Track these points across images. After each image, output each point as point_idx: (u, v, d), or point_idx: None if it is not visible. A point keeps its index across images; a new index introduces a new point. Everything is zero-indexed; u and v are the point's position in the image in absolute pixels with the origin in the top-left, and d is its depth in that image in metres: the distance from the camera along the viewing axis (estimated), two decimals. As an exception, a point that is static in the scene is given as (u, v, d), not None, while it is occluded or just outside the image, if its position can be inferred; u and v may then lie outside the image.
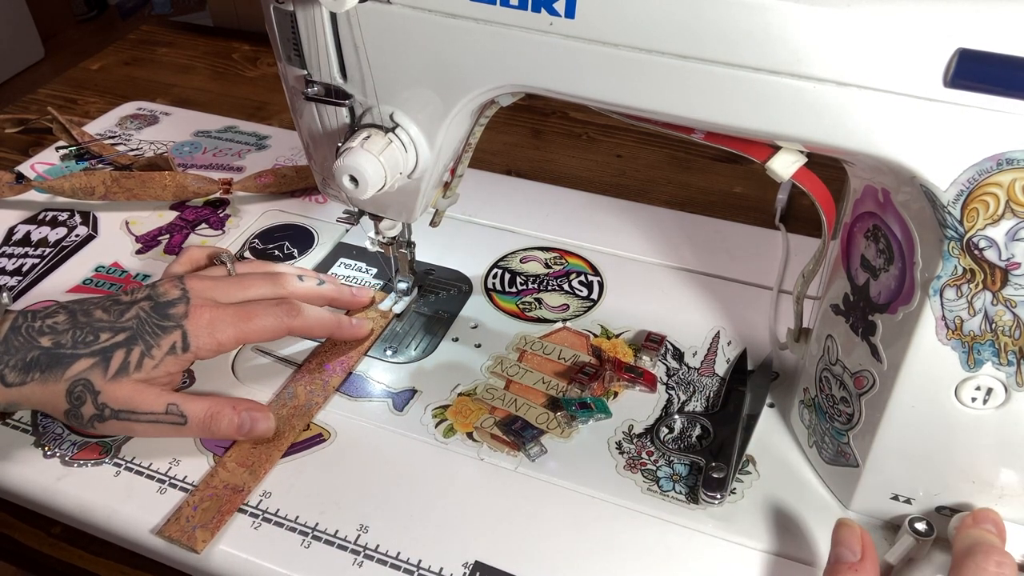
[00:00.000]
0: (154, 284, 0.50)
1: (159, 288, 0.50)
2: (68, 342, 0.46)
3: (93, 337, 0.47)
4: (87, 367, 0.46)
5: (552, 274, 0.62)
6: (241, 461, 0.48)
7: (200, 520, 0.44)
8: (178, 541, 0.44)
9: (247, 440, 0.49)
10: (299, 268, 0.59)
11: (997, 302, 0.36)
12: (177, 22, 1.08)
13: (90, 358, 0.46)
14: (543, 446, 0.49)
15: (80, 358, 0.46)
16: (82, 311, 0.48)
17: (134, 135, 0.80)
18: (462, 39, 0.39)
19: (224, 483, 0.46)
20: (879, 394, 0.42)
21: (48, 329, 0.47)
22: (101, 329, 0.47)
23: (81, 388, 0.46)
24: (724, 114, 0.36)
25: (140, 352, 0.47)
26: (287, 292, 0.53)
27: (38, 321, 0.47)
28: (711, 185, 0.76)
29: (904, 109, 0.33)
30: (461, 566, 0.43)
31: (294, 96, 0.47)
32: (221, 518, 0.45)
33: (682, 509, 0.46)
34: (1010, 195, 0.33)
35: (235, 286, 0.52)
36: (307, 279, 0.56)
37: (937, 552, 0.43)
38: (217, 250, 0.56)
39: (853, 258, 0.43)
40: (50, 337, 0.46)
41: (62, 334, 0.46)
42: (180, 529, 0.44)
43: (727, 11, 0.33)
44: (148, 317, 0.48)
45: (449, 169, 0.50)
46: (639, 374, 0.53)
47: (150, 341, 0.47)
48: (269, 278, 0.53)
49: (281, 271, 0.56)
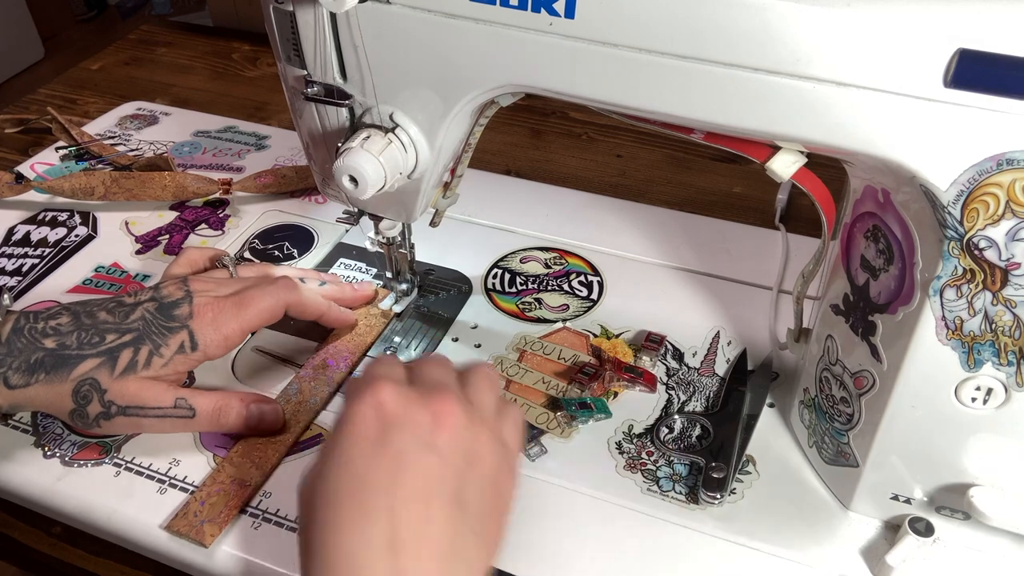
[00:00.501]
0: (157, 286, 0.50)
1: (163, 290, 0.49)
2: (73, 343, 0.46)
3: (99, 338, 0.46)
4: (94, 367, 0.46)
5: (552, 274, 0.62)
6: (247, 456, 0.48)
7: (208, 515, 0.45)
8: (186, 536, 0.44)
9: (254, 434, 0.49)
10: (300, 269, 0.59)
11: (997, 302, 0.36)
12: (177, 22, 1.08)
13: (96, 358, 0.46)
14: (543, 446, 0.49)
15: (87, 359, 0.46)
16: (85, 312, 0.48)
17: (134, 135, 0.80)
18: (462, 39, 0.39)
19: (231, 478, 0.46)
20: (879, 394, 0.42)
21: (52, 331, 0.46)
22: (107, 331, 0.47)
23: (88, 387, 0.45)
24: (724, 114, 0.36)
25: (148, 351, 0.47)
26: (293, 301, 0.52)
27: (41, 322, 0.47)
28: (711, 185, 0.76)
29: (904, 109, 0.33)
30: (461, 566, 0.43)
31: (294, 96, 0.47)
32: (228, 512, 0.45)
33: (682, 509, 0.46)
34: (1010, 195, 0.33)
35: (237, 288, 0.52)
36: (309, 280, 0.56)
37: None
38: (218, 252, 0.56)
39: (853, 258, 0.43)
40: (54, 339, 0.46)
41: (66, 335, 0.46)
42: (188, 524, 0.44)
43: (727, 11, 0.33)
44: (154, 318, 0.47)
45: (449, 169, 0.50)
46: (639, 374, 0.53)
47: (158, 341, 0.47)
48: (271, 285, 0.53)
49: (283, 273, 0.56)
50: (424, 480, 0.36)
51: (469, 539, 0.36)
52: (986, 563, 0.43)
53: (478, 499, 0.37)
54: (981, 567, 0.43)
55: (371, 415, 0.37)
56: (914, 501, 0.44)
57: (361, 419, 0.37)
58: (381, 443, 0.36)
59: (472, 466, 0.38)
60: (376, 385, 0.38)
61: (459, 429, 0.37)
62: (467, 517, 0.36)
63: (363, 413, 0.37)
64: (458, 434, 0.37)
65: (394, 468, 0.36)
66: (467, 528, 0.36)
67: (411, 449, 0.36)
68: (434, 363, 0.42)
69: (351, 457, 0.36)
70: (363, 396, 0.38)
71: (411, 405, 0.37)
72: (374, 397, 0.37)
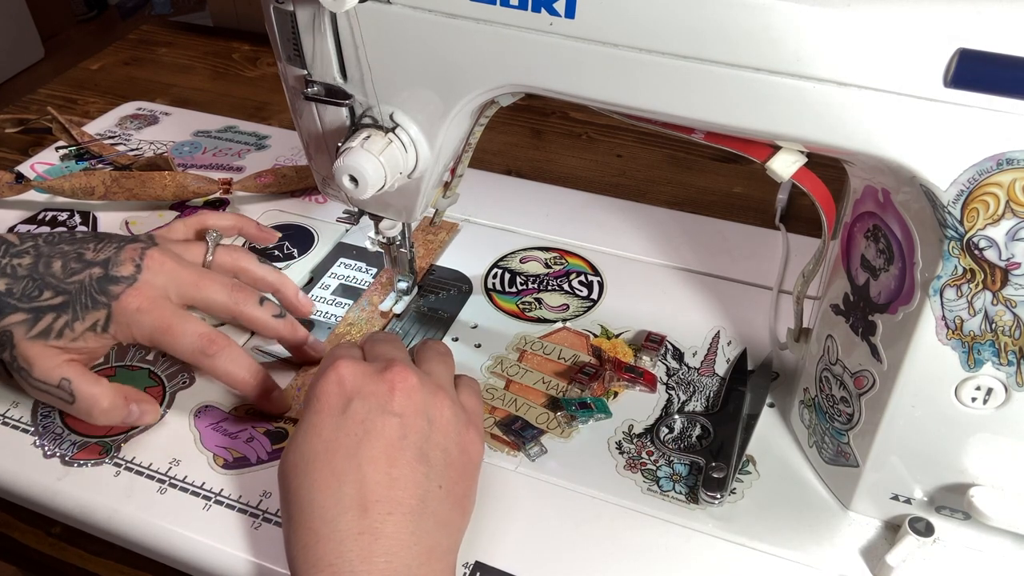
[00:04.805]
0: (122, 246, 0.50)
1: (121, 255, 0.50)
2: (17, 291, 0.48)
3: (37, 292, 0.48)
4: (17, 321, 0.47)
5: (552, 274, 0.62)
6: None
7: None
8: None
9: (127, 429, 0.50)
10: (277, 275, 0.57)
11: (997, 302, 0.36)
12: (177, 22, 1.07)
13: (25, 313, 0.48)
14: (543, 446, 0.49)
15: (17, 311, 0.48)
16: (46, 258, 0.49)
17: (134, 135, 0.80)
18: (462, 39, 0.39)
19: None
20: (879, 394, 0.42)
21: (10, 271, 0.49)
22: (47, 286, 0.48)
23: (6, 338, 0.48)
24: (724, 114, 0.36)
25: (65, 322, 0.48)
26: (237, 312, 0.51)
27: (6, 257, 0.49)
28: (711, 185, 0.76)
29: (904, 109, 0.33)
30: (461, 566, 0.43)
31: (294, 96, 0.47)
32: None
33: (682, 509, 0.46)
34: (1010, 195, 0.33)
35: (192, 285, 0.50)
36: (267, 307, 0.52)
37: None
38: (207, 226, 0.56)
39: (853, 258, 0.43)
40: (6, 281, 0.48)
41: (17, 280, 0.48)
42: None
43: (727, 11, 0.33)
44: (90, 286, 0.48)
45: (449, 169, 0.50)
46: (639, 374, 0.53)
47: (78, 313, 0.48)
48: (228, 288, 0.51)
49: (250, 280, 0.55)
50: (386, 441, 0.40)
51: (436, 493, 0.40)
52: (986, 563, 0.43)
53: (442, 455, 0.41)
54: (981, 567, 0.43)
55: (334, 390, 0.41)
56: (914, 501, 0.44)
57: (326, 395, 0.41)
58: (345, 413, 0.41)
59: (432, 425, 0.42)
60: (336, 364, 0.42)
61: (414, 392, 0.42)
62: (432, 472, 0.40)
63: (327, 389, 0.42)
64: (414, 397, 0.41)
65: (359, 433, 0.40)
66: (433, 484, 0.40)
67: (372, 415, 0.40)
68: (385, 341, 0.47)
69: (320, 428, 0.40)
70: (326, 375, 0.42)
71: (368, 377, 0.42)
72: (336, 373, 0.42)
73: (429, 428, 0.41)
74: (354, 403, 0.41)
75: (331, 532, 0.37)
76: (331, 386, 0.41)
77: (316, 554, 0.37)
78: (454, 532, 0.40)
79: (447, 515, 0.40)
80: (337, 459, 0.39)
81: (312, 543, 0.37)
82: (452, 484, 0.41)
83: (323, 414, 0.41)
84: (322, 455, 0.39)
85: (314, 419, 0.41)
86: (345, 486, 0.38)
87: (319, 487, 0.38)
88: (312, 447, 0.40)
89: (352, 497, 0.38)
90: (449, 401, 0.43)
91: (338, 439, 0.40)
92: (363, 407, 0.41)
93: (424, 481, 0.39)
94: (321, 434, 0.40)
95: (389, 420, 0.40)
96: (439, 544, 0.39)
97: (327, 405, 0.41)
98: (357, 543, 0.36)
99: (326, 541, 0.37)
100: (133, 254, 0.50)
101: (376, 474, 0.39)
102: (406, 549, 0.37)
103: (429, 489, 0.39)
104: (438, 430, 0.41)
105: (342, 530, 0.37)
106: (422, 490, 0.39)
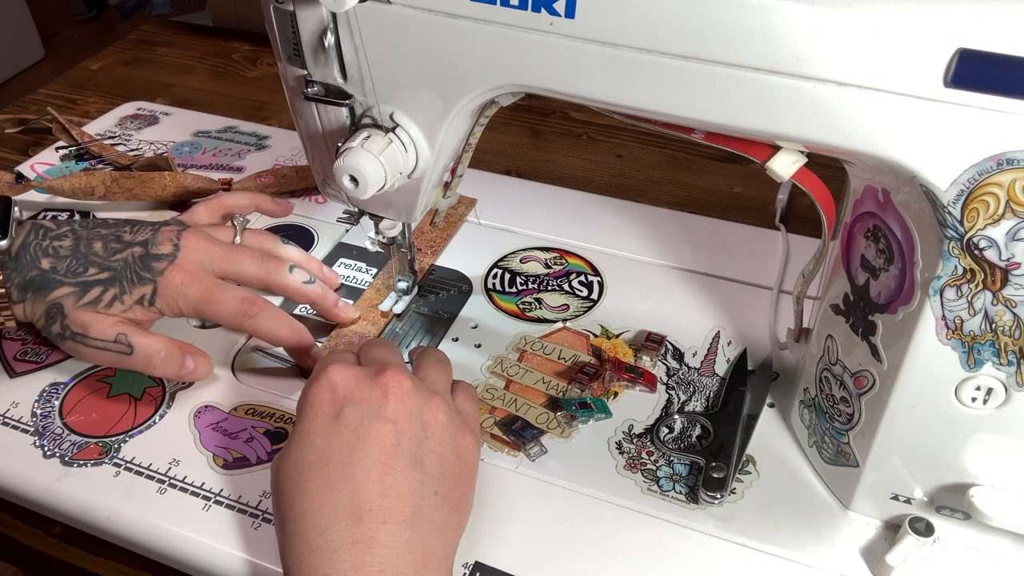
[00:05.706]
0: (157, 228, 0.52)
1: (158, 236, 0.52)
2: (62, 269, 0.50)
3: (83, 269, 0.50)
4: (66, 294, 0.49)
5: (552, 274, 0.62)
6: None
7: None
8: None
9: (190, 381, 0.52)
10: (301, 253, 0.59)
11: (997, 302, 0.36)
12: (177, 22, 1.07)
13: (71, 287, 0.49)
14: (543, 446, 0.49)
15: (64, 285, 0.49)
16: (86, 241, 0.51)
17: (134, 135, 0.80)
18: (462, 39, 0.39)
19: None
20: (879, 394, 0.42)
21: (52, 251, 0.50)
22: (92, 263, 0.50)
23: (56, 310, 0.49)
24: (724, 114, 0.36)
25: (114, 294, 0.50)
26: (270, 280, 0.54)
27: (46, 240, 0.51)
28: (711, 185, 0.76)
29: (904, 109, 0.33)
30: (461, 566, 0.43)
31: (294, 96, 0.47)
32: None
33: (682, 509, 0.46)
34: (1010, 195, 0.33)
35: (225, 258, 0.53)
36: (298, 272, 0.56)
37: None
38: (233, 210, 0.59)
39: (853, 258, 0.43)
40: (50, 260, 0.50)
41: (61, 260, 0.50)
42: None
43: (727, 11, 0.33)
44: (134, 263, 0.50)
45: (449, 169, 0.50)
46: (639, 374, 0.53)
47: (126, 287, 0.50)
48: (260, 259, 0.54)
49: (278, 255, 0.57)
50: (380, 448, 0.39)
51: (431, 500, 0.39)
52: (986, 563, 0.43)
53: (437, 461, 0.40)
54: (981, 567, 0.43)
55: (327, 396, 0.41)
56: (914, 501, 0.44)
57: (318, 401, 0.41)
58: (338, 420, 0.40)
59: (427, 430, 0.41)
60: (328, 369, 0.42)
61: (408, 398, 0.41)
62: (427, 478, 0.40)
63: (319, 396, 0.41)
64: (408, 402, 0.41)
65: (352, 440, 0.39)
66: (428, 490, 0.39)
67: (366, 421, 0.40)
68: (380, 345, 0.47)
69: (312, 436, 0.40)
70: (318, 381, 0.42)
71: (361, 382, 0.41)
72: (328, 380, 0.41)
73: (423, 433, 0.41)
74: (347, 409, 0.40)
75: (324, 542, 0.37)
76: (323, 392, 0.41)
77: (310, 564, 0.36)
78: (450, 537, 0.40)
79: (443, 521, 0.40)
80: (330, 468, 0.39)
81: (306, 553, 0.37)
82: (448, 489, 0.40)
83: (316, 421, 0.40)
84: (315, 464, 0.39)
85: (307, 427, 0.40)
86: (338, 495, 0.38)
87: (312, 497, 0.38)
88: (305, 456, 0.39)
89: (345, 507, 0.37)
90: (444, 405, 0.42)
91: (331, 447, 0.39)
92: (356, 413, 0.40)
93: (419, 488, 0.39)
94: (314, 442, 0.40)
95: (383, 426, 0.40)
96: (435, 550, 0.38)
97: (320, 412, 0.41)
98: (351, 553, 0.36)
99: (320, 551, 0.36)
100: (170, 235, 0.52)
101: (370, 483, 0.38)
102: (401, 557, 0.37)
103: (424, 496, 0.39)
104: (433, 435, 0.41)
105: (335, 540, 0.37)
106: (417, 497, 0.39)
